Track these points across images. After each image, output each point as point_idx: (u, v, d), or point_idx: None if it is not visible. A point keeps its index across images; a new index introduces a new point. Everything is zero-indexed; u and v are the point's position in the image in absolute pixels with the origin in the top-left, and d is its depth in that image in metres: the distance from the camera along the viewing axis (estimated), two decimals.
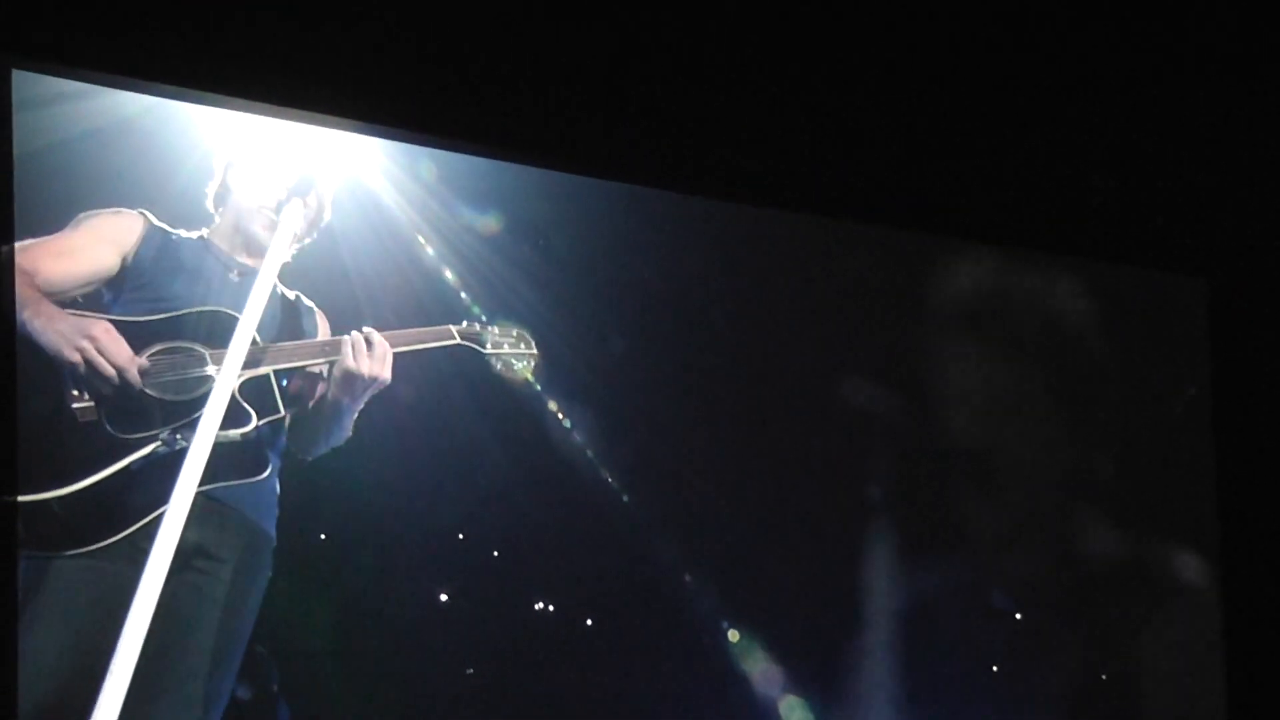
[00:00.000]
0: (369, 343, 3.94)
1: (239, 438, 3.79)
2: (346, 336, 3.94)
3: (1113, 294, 4.64)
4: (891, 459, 4.15)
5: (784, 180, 4.48)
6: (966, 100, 4.69)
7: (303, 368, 3.91)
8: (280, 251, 3.88)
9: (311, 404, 3.92)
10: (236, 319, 3.82)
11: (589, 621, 4.18)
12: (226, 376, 3.75)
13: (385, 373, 3.95)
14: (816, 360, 4.38)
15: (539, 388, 4.15)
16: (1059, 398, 4.34)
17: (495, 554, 4.08)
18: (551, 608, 4.14)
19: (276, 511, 3.87)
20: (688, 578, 4.25)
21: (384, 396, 3.98)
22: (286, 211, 3.89)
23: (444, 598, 4.05)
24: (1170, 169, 4.91)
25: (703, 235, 4.39)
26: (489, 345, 4.09)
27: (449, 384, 4.08)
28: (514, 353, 4.12)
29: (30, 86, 3.64)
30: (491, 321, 4.10)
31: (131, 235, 3.77)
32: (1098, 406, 4.46)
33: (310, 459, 3.92)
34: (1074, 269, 4.48)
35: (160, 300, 3.79)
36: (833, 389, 4.14)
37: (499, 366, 4.11)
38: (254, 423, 3.82)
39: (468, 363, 4.09)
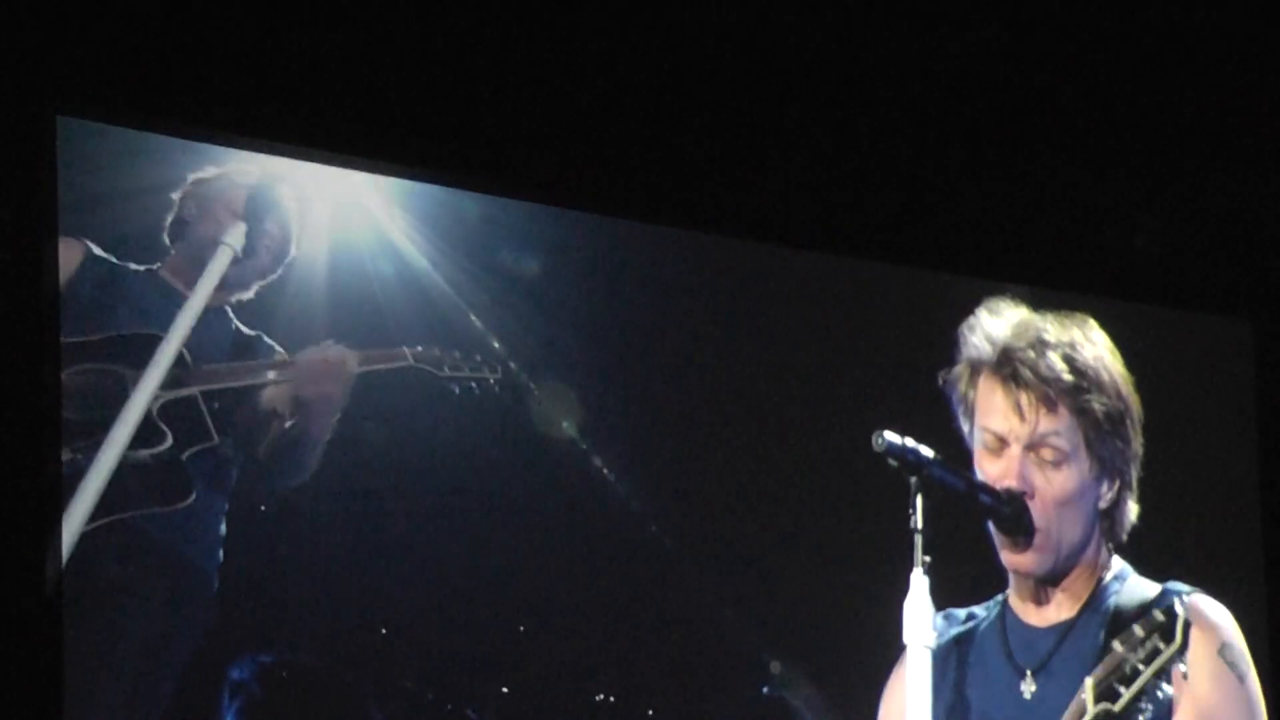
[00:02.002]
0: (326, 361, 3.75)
1: (149, 459, 3.58)
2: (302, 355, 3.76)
3: (1152, 336, 4.45)
4: (932, 498, 4.01)
5: (820, 222, 4.41)
6: (1002, 140, 4.58)
7: (246, 396, 3.72)
8: (216, 272, 3.72)
9: (269, 434, 3.73)
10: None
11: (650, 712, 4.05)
12: (141, 394, 3.57)
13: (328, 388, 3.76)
14: (856, 399, 4.29)
15: (584, 446, 4.00)
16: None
17: (560, 643, 3.96)
18: (612, 699, 4.00)
19: (220, 554, 3.65)
20: (729, 613, 4.13)
21: (422, 457, 3.83)
22: (230, 234, 3.76)
23: (505, 690, 3.89)
24: (1209, 205, 4.72)
25: (742, 277, 4.32)
26: (447, 369, 3.89)
27: (484, 444, 3.92)
28: (476, 376, 3.89)
29: None
30: (532, 376, 3.95)
31: (69, 263, 3.63)
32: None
33: (277, 491, 3.73)
34: (1111, 311, 4.33)
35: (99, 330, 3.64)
36: (873, 428, 4.03)
37: (458, 391, 3.87)
38: (169, 443, 3.61)
39: (508, 416, 3.93)
